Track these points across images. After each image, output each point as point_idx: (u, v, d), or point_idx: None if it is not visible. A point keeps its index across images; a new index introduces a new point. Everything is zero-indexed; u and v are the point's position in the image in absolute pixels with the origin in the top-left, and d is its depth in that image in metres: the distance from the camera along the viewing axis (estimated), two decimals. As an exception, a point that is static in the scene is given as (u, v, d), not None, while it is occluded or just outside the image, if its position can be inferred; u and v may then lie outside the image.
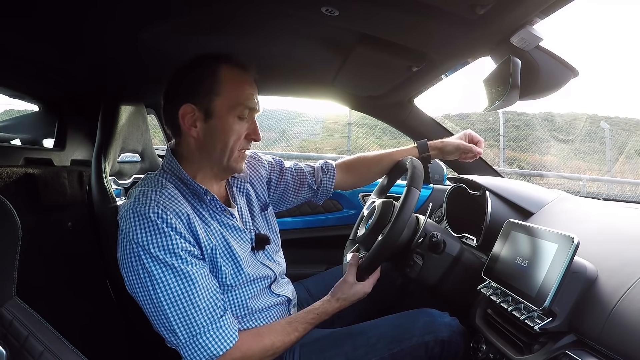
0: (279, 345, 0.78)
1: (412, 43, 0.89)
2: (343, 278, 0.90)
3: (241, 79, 0.81)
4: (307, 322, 0.83)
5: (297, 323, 0.82)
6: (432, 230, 0.93)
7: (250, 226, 0.90)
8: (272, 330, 0.80)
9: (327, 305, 0.86)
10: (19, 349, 0.54)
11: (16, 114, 1.50)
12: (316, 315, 0.85)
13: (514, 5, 0.66)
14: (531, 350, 0.67)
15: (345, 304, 0.87)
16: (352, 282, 0.88)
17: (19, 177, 0.93)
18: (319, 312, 0.85)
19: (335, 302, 0.87)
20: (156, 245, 0.69)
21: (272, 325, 0.82)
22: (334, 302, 0.87)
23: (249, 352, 0.74)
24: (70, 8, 0.74)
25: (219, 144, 0.79)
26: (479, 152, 1.11)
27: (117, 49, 0.93)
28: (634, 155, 7.72)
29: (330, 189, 1.08)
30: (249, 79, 0.82)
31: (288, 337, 0.80)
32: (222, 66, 0.79)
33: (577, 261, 0.66)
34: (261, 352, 0.76)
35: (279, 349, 0.78)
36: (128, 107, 1.17)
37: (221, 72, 0.79)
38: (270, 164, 1.04)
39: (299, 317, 0.84)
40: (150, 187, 0.75)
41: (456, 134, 1.16)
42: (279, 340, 0.78)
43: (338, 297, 0.87)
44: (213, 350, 0.71)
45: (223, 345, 0.71)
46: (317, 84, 1.35)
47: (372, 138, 7.04)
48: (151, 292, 0.70)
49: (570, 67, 0.78)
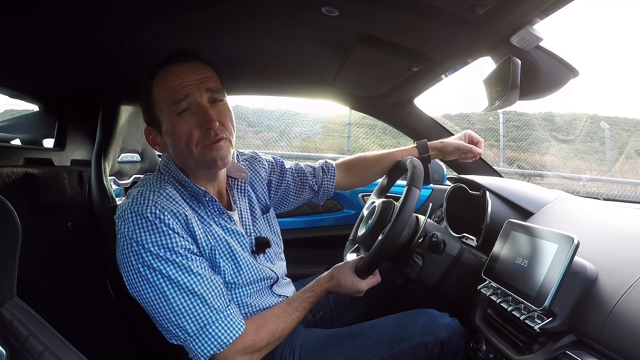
0: (283, 326, 0.79)
1: (412, 43, 0.89)
2: (344, 261, 0.91)
3: (169, 75, 0.75)
4: (305, 300, 0.85)
5: (296, 303, 0.84)
6: (432, 230, 0.93)
7: (250, 230, 0.89)
8: (273, 315, 0.81)
9: (321, 281, 0.88)
10: (19, 349, 0.54)
11: (16, 114, 1.50)
12: (312, 292, 0.86)
13: (514, 5, 0.66)
14: (531, 350, 0.67)
15: (336, 287, 0.87)
16: (351, 268, 0.88)
17: (19, 177, 0.93)
18: (314, 288, 0.87)
19: (328, 280, 0.88)
20: (155, 244, 0.69)
21: (272, 310, 0.82)
22: (328, 279, 0.88)
23: (258, 337, 0.75)
24: (70, 8, 0.74)
25: (178, 148, 0.76)
26: (479, 153, 1.11)
27: (117, 49, 0.93)
28: (634, 155, 7.71)
29: (331, 190, 1.08)
30: (180, 69, 0.75)
31: (290, 317, 0.81)
32: (154, 75, 0.77)
33: (577, 261, 0.66)
34: (268, 337, 0.77)
35: (284, 330, 0.79)
36: (128, 107, 1.17)
37: (153, 81, 0.77)
38: (271, 164, 1.03)
39: (296, 297, 0.85)
40: (149, 188, 0.75)
41: (456, 134, 1.16)
42: (282, 321, 0.79)
43: (332, 274, 0.88)
44: (224, 338, 0.71)
45: (232, 333, 0.72)
46: (317, 83, 1.35)
47: (372, 138, 7.04)
48: (154, 289, 0.69)
49: (570, 67, 0.78)
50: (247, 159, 0.99)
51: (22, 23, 0.78)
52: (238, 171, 0.90)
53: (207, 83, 0.76)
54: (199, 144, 0.75)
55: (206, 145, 0.75)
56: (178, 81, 0.74)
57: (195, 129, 0.74)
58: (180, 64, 0.76)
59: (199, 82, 0.75)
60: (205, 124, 0.74)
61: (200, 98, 0.75)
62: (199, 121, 0.74)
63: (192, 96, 0.74)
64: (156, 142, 0.81)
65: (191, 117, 0.75)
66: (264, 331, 0.76)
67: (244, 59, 1.09)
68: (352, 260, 0.90)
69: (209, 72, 0.79)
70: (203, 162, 0.77)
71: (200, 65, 0.78)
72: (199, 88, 0.75)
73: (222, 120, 0.76)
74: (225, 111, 0.78)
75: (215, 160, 0.76)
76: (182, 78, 0.74)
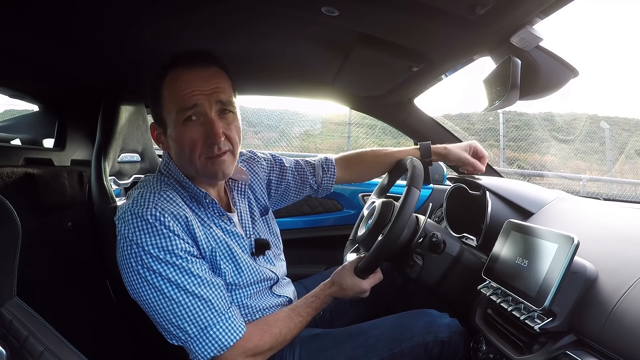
0: (286, 332, 0.79)
1: (412, 43, 0.89)
2: (342, 265, 0.91)
3: (181, 79, 0.73)
4: (309, 306, 0.84)
5: (299, 309, 0.84)
6: (432, 230, 0.93)
7: (250, 231, 0.89)
8: (277, 319, 0.81)
9: (323, 287, 0.88)
10: (19, 349, 0.54)
11: (16, 114, 1.51)
12: (315, 298, 0.86)
13: (514, 5, 0.66)
14: (531, 350, 0.67)
15: (340, 292, 0.87)
16: (350, 270, 0.88)
17: (19, 177, 0.93)
18: (317, 294, 0.86)
19: (330, 285, 0.87)
20: (155, 246, 0.69)
21: (276, 314, 0.83)
22: (330, 285, 0.87)
23: (261, 342, 0.75)
24: (70, 7, 0.74)
25: (181, 153, 0.76)
26: (481, 170, 1.11)
27: (117, 49, 0.93)
28: (634, 155, 7.71)
29: (330, 187, 1.09)
30: (193, 75, 0.73)
31: (293, 322, 0.81)
32: (166, 73, 0.75)
33: (577, 261, 0.66)
34: (272, 341, 0.77)
35: (287, 335, 0.79)
36: (128, 107, 1.17)
37: (164, 80, 0.75)
38: (270, 162, 1.03)
39: (300, 303, 0.85)
40: (149, 190, 0.75)
41: (456, 134, 1.16)
42: (285, 327, 0.79)
43: (333, 280, 0.88)
44: (224, 341, 0.71)
45: (233, 336, 0.72)
46: (317, 84, 1.35)
47: (372, 138, 7.04)
48: (155, 291, 0.69)
49: (570, 67, 0.78)
50: (246, 160, 0.99)
51: (22, 23, 0.78)
52: (238, 173, 0.90)
53: (219, 94, 0.73)
54: (201, 156, 0.74)
55: (208, 158, 0.74)
56: (189, 88, 0.72)
57: (199, 141, 0.73)
58: (196, 69, 0.73)
59: (210, 93, 0.73)
60: (209, 138, 0.73)
61: (209, 110, 0.73)
62: (204, 133, 0.73)
63: (201, 106, 0.72)
64: (160, 140, 0.81)
65: (197, 128, 0.73)
66: (267, 335, 0.77)
67: (244, 60, 1.09)
68: (350, 262, 0.90)
69: (224, 82, 0.76)
70: (204, 173, 0.77)
71: (216, 73, 0.75)
72: (210, 99, 0.73)
73: (229, 133, 0.75)
74: (233, 122, 0.77)
75: (216, 173, 0.76)
76: (194, 86, 0.72)
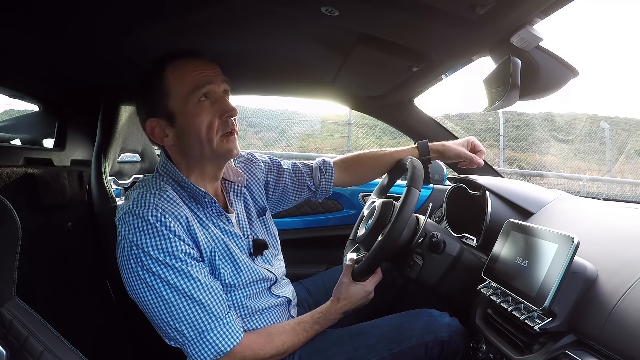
0: (289, 345, 0.79)
1: (412, 43, 0.89)
2: (339, 280, 0.90)
3: (186, 66, 0.77)
4: (315, 322, 0.84)
5: (305, 324, 0.83)
6: (432, 230, 0.93)
7: (247, 232, 0.89)
8: (282, 331, 0.80)
9: (330, 305, 0.87)
10: (19, 349, 0.54)
11: (16, 114, 1.50)
12: (322, 315, 0.85)
13: (514, 5, 0.66)
14: (531, 350, 0.67)
15: (348, 304, 0.87)
16: (348, 282, 0.88)
17: (19, 177, 0.93)
18: (324, 311, 0.86)
19: (337, 303, 0.87)
20: (156, 248, 0.69)
21: (281, 326, 0.82)
22: (336, 302, 0.87)
23: (261, 352, 0.75)
24: (70, 7, 0.74)
25: (193, 138, 0.77)
26: (479, 164, 1.11)
27: (117, 49, 0.93)
28: (634, 155, 7.71)
29: (329, 189, 1.08)
30: (196, 62, 0.78)
31: (297, 337, 0.81)
32: (165, 66, 0.77)
33: (577, 261, 0.66)
34: (272, 352, 0.77)
35: (289, 349, 0.79)
36: (128, 107, 1.17)
37: (165, 72, 0.77)
38: (267, 164, 1.03)
39: (306, 318, 0.85)
40: (149, 190, 0.75)
41: (456, 133, 1.16)
42: (289, 340, 0.79)
43: (338, 297, 0.87)
44: (221, 346, 0.71)
45: (230, 342, 0.72)
46: (317, 83, 1.35)
47: (372, 138, 7.04)
48: (154, 293, 0.69)
49: (570, 67, 0.78)
50: (243, 161, 0.99)
51: (22, 23, 0.78)
52: (235, 175, 0.90)
53: (222, 75, 0.80)
54: (218, 132, 0.77)
55: (224, 135, 0.78)
56: (198, 70, 0.76)
57: (215, 117, 0.76)
58: (194, 59, 0.78)
59: (215, 74, 0.78)
60: (225, 112, 0.77)
61: (219, 88, 0.78)
62: (219, 110, 0.77)
63: (213, 85, 0.77)
64: (163, 135, 0.79)
65: (211, 106, 0.77)
66: (269, 346, 0.77)
67: (244, 59, 1.09)
68: (343, 275, 0.90)
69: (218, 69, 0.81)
70: (220, 151, 0.78)
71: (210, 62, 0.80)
72: (217, 79, 0.78)
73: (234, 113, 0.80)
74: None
75: (231, 150, 0.79)
76: (202, 69, 0.77)
